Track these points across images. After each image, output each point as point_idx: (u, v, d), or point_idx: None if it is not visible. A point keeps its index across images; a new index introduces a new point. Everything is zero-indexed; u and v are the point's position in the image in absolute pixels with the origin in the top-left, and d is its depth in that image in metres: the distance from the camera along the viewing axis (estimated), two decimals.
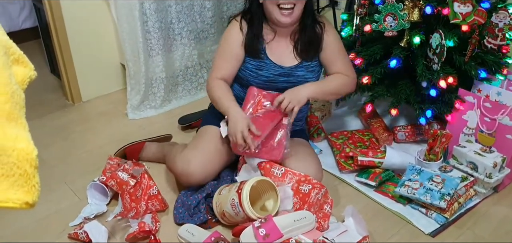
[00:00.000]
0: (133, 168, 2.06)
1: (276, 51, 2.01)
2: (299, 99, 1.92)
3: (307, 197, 1.81)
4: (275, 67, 2.00)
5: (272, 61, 2.00)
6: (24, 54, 0.90)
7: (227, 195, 1.80)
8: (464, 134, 2.15)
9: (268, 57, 2.00)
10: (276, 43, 2.01)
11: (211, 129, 2.07)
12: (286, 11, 1.89)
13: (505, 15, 2.03)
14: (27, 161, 0.76)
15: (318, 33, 2.02)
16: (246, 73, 2.02)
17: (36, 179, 0.77)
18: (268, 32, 2.02)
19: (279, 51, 2.01)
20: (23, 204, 0.75)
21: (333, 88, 2.04)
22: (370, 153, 2.16)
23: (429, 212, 1.91)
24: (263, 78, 2.00)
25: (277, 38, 2.02)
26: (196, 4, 2.89)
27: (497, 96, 2.14)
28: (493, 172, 1.93)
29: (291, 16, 1.91)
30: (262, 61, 2.00)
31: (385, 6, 2.13)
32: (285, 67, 2.01)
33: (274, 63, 2.00)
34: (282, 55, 2.01)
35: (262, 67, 2.00)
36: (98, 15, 2.85)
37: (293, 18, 1.92)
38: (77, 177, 2.24)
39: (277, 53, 2.01)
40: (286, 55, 2.02)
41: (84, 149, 2.51)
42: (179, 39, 2.89)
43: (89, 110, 2.94)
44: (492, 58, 2.17)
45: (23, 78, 0.88)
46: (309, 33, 2.00)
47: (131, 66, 2.76)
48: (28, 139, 0.78)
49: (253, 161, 1.95)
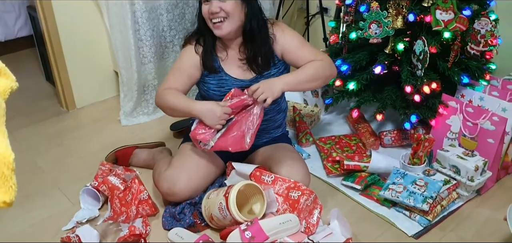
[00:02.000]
0: (125, 173, 2.11)
1: (233, 67, 2.02)
2: (273, 91, 1.85)
3: (296, 203, 1.85)
4: (236, 82, 2.01)
5: (231, 77, 2.01)
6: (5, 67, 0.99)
7: (215, 199, 1.84)
8: (448, 138, 2.21)
9: (227, 73, 2.01)
10: (230, 59, 2.02)
11: (193, 146, 2.08)
12: (217, 23, 1.90)
13: (486, 22, 2.09)
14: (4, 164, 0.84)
15: (266, 43, 1.98)
16: (210, 93, 2.03)
17: (13, 180, 0.86)
18: (221, 50, 2.03)
19: (235, 66, 2.02)
20: (1, 203, 0.84)
21: (309, 76, 1.93)
22: (356, 157, 2.21)
23: (413, 215, 1.96)
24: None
25: (229, 53, 2.02)
26: (187, 13, 2.95)
27: (480, 101, 2.20)
28: (475, 175, 1.98)
29: (223, 27, 1.90)
30: (221, 78, 2.01)
31: (369, 14, 2.19)
32: (246, 81, 2.01)
33: (234, 78, 2.01)
34: (239, 69, 2.02)
35: (223, 84, 2.01)
36: (91, 24, 2.90)
37: (227, 28, 1.91)
38: (70, 183, 2.28)
39: (234, 68, 2.02)
40: (243, 69, 2.02)
41: (78, 155, 2.55)
42: (171, 46, 2.95)
43: (83, 117, 2.98)
44: (475, 64, 2.23)
45: (4, 89, 0.96)
46: (255, 48, 1.97)
47: (124, 74, 2.81)
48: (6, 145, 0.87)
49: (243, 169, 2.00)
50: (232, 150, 1.92)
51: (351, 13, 2.32)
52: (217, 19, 1.89)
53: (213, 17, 1.90)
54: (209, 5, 1.89)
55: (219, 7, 1.87)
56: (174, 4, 2.88)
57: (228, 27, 1.91)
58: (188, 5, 2.95)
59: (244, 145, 1.91)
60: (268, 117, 2.10)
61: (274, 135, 2.19)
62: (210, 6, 1.88)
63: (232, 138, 1.92)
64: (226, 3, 1.87)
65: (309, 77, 1.94)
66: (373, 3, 2.20)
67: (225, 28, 1.91)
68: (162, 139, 2.60)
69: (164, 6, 2.84)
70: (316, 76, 1.96)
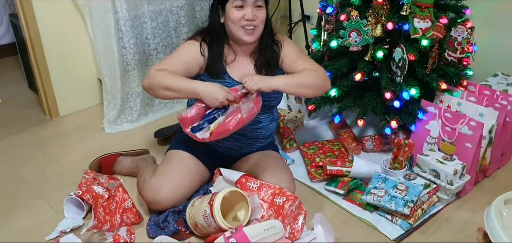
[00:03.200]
0: (109, 181, 2.11)
1: (238, 71, 2.05)
2: (264, 82, 1.89)
3: (281, 209, 1.88)
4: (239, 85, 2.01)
5: (234, 80, 2.03)
6: None
7: (199, 207, 1.86)
8: (427, 143, 2.25)
9: (231, 77, 2.04)
10: (237, 64, 2.06)
11: (178, 154, 2.10)
12: (249, 30, 1.96)
13: (463, 30, 2.15)
14: None
15: (275, 52, 2.08)
16: None
17: None
18: (229, 53, 2.06)
19: (241, 70, 2.05)
20: None
21: (304, 80, 1.98)
22: (339, 163, 2.24)
23: (394, 219, 2.00)
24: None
25: (238, 58, 2.06)
26: (171, 20, 2.96)
27: (458, 107, 2.25)
28: (454, 179, 2.02)
29: (254, 34, 1.97)
30: (224, 81, 2.02)
31: (349, 23, 2.23)
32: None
33: (237, 82, 2.03)
34: (244, 73, 2.05)
35: (226, 86, 2.00)
36: (74, 32, 2.89)
37: (256, 35, 1.99)
38: (54, 191, 2.28)
39: (239, 72, 2.05)
40: (248, 72, 2.06)
41: (61, 164, 2.54)
42: (154, 54, 2.96)
43: (66, 125, 2.97)
44: (453, 70, 2.28)
45: None
46: (267, 53, 2.06)
47: (107, 81, 2.81)
48: None
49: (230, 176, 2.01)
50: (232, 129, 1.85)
51: (332, 22, 2.36)
52: (251, 26, 1.95)
53: (247, 24, 1.94)
54: (243, 11, 1.93)
55: (255, 15, 1.94)
56: (158, 12, 2.89)
57: (257, 34, 1.99)
58: (172, 13, 2.96)
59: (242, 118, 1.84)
60: (261, 125, 2.13)
61: (263, 144, 2.21)
62: (245, 13, 1.93)
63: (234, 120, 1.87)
64: (261, 12, 1.96)
65: (307, 83, 1.98)
66: (353, 12, 2.24)
67: (256, 35, 1.98)
68: (146, 146, 2.60)
69: (147, 14, 2.85)
70: (310, 83, 1.99)
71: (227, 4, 1.95)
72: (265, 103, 1.99)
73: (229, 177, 2.02)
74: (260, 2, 1.96)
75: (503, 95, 2.26)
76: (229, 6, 1.95)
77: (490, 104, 2.22)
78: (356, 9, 2.27)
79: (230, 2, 1.94)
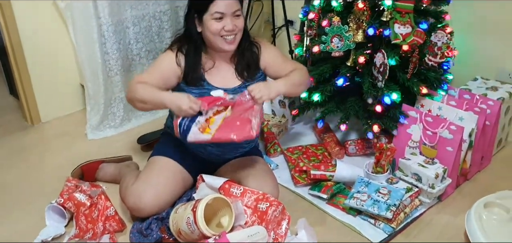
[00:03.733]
0: (91, 189, 2.09)
1: (217, 77, 2.05)
2: (269, 92, 1.92)
3: (264, 215, 1.87)
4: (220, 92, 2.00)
5: (214, 87, 2.03)
6: None
7: (183, 214, 1.85)
8: (409, 147, 2.28)
9: (210, 83, 2.03)
10: (216, 70, 2.06)
11: (161, 160, 2.09)
12: (230, 39, 1.97)
13: (442, 35, 2.17)
14: None
15: (255, 53, 2.10)
16: None
17: None
18: (207, 61, 2.06)
19: (221, 75, 2.06)
20: None
21: (298, 80, 2.06)
22: (322, 167, 2.26)
23: (377, 223, 2.01)
24: None
25: (217, 64, 2.06)
26: (154, 25, 2.96)
27: (439, 111, 2.28)
28: (436, 182, 2.05)
29: (234, 43, 1.99)
30: (203, 88, 2.02)
31: (331, 28, 2.25)
32: (230, 89, 2.04)
33: (216, 88, 2.02)
34: (224, 78, 2.06)
35: (206, 94, 2.00)
36: (56, 36, 2.87)
37: (237, 43, 2.00)
38: (35, 199, 2.25)
39: (218, 78, 2.05)
40: (229, 77, 2.07)
41: (43, 170, 2.52)
42: (137, 59, 2.95)
43: (48, 131, 2.94)
44: (433, 75, 2.31)
45: None
46: (247, 55, 2.08)
47: (90, 87, 2.79)
48: None
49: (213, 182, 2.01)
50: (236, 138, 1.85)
51: (314, 27, 2.37)
52: (231, 36, 1.96)
53: (227, 34, 1.95)
54: (222, 22, 1.93)
55: (234, 25, 1.94)
56: (141, 17, 2.88)
57: (237, 42, 2.01)
58: (155, 18, 2.95)
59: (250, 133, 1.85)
60: None
61: (247, 149, 2.21)
62: (224, 24, 1.93)
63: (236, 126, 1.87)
64: (239, 20, 1.97)
65: (299, 81, 2.08)
66: (335, 18, 2.26)
67: (236, 43, 2.01)
68: (130, 152, 2.59)
69: (130, 20, 2.83)
70: (304, 81, 2.12)
71: (205, 16, 1.95)
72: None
73: (212, 183, 2.02)
74: (239, 11, 1.97)
75: (483, 99, 2.30)
76: (208, 18, 1.94)
77: (470, 108, 2.25)
78: (338, 15, 2.29)
79: (208, 14, 1.94)
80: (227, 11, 1.93)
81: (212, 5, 1.92)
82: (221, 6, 1.92)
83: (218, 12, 1.92)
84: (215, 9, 1.92)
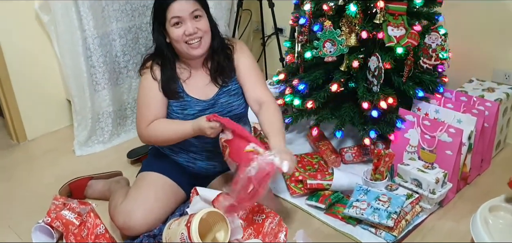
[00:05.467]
0: (80, 206, 2.02)
1: (195, 87, 2.00)
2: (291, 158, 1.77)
3: (261, 227, 1.82)
4: (198, 103, 1.99)
5: (193, 98, 1.99)
6: None
7: (176, 229, 1.78)
8: (407, 152, 2.23)
9: (188, 95, 1.98)
10: (193, 79, 2.01)
11: (150, 176, 2.03)
12: (195, 44, 1.91)
13: (436, 37, 2.14)
14: None
15: (227, 54, 2.04)
16: (173, 116, 2.00)
17: None
18: (183, 71, 2.00)
19: (198, 86, 2.01)
20: None
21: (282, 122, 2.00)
22: (319, 176, 2.20)
23: (378, 231, 1.96)
24: (189, 117, 1.97)
25: (193, 73, 2.01)
26: (141, 37, 2.90)
27: (436, 114, 2.24)
28: (436, 187, 2.00)
29: (201, 47, 1.92)
30: (183, 100, 1.98)
31: (323, 33, 2.21)
32: (208, 100, 2.00)
33: (196, 99, 1.99)
34: (202, 88, 2.01)
35: (186, 106, 1.98)
36: (40, 51, 2.81)
37: (204, 47, 1.94)
38: (21, 219, 2.18)
39: (196, 88, 2.00)
40: (205, 86, 2.02)
41: (29, 189, 2.44)
42: (125, 72, 2.88)
43: (34, 149, 2.87)
44: (428, 78, 2.27)
45: None
46: (220, 57, 2.01)
47: (76, 102, 2.72)
48: None
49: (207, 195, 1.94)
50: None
51: (306, 33, 2.33)
52: (196, 40, 1.90)
53: (190, 39, 1.88)
54: (183, 27, 1.87)
55: (195, 27, 1.87)
56: (127, 29, 2.82)
57: (206, 45, 1.94)
58: (142, 29, 2.90)
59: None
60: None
61: None
62: (185, 28, 1.87)
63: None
64: (201, 22, 1.90)
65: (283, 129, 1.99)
66: (326, 22, 2.21)
67: (204, 46, 1.93)
68: (119, 167, 2.51)
69: (116, 32, 2.77)
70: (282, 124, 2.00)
71: (166, 25, 1.90)
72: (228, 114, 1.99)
73: (206, 196, 1.95)
74: (198, 12, 1.90)
75: (480, 101, 2.26)
76: (168, 26, 1.90)
77: (468, 111, 2.22)
78: (329, 19, 2.24)
79: (167, 22, 1.89)
80: (184, 14, 1.86)
81: (168, 12, 1.87)
82: (176, 10, 1.86)
83: (175, 16, 1.86)
84: (171, 15, 1.87)
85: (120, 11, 2.77)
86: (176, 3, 1.85)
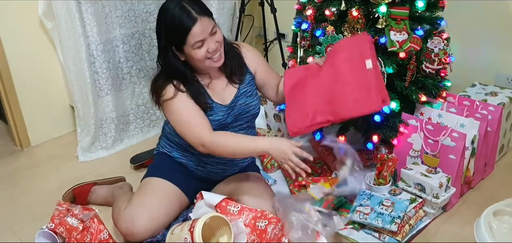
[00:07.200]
0: (83, 212, 2.01)
1: (217, 91, 2.00)
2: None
3: (264, 233, 1.82)
4: (222, 108, 1.99)
5: (218, 104, 1.98)
6: None
7: (179, 234, 1.78)
8: (410, 156, 2.22)
9: (214, 101, 1.98)
10: (213, 84, 2.01)
11: (155, 181, 2.03)
12: (216, 57, 1.90)
13: (439, 41, 2.13)
14: None
15: (237, 53, 2.06)
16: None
17: None
18: (203, 77, 1.99)
19: (219, 89, 2.01)
20: None
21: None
22: (322, 181, 2.20)
23: (382, 236, 1.95)
24: (215, 122, 1.96)
25: (212, 78, 2.01)
26: (144, 43, 2.91)
27: (439, 118, 2.23)
28: (440, 192, 2.00)
29: (222, 58, 1.93)
30: (212, 111, 1.96)
31: (326, 38, 2.20)
32: (228, 104, 2.01)
33: (220, 105, 1.98)
34: (222, 92, 2.01)
35: (213, 112, 1.96)
36: (44, 57, 2.82)
37: (223, 56, 1.94)
38: (25, 225, 2.18)
39: (218, 93, 2.00)
40: (225, 90, 2.02)
41: (33, 195, 2.45)
42: (128, 78, 2.89)
43: (38, 155, 2.87)
44: (431, 82, 2.26)
45: None
46: (230, 58, 2.02)
47: (80, 108, 2.73)
48: None
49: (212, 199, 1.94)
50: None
51: (308, 38, 2.33)
52: (217, 53, 1.89)
53: (213, 54, 1.87)
54: (205, 46, 1.84)
55: (216, 42, 1.87)
56: (130, 35, 2.83)
57: (223, 53, 1.94)
58: (145, 35, 2.90)
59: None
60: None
61: (245, 163, 2.17)
62: (207, 47, 1.85)
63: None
64: (218, 35, 1.89)
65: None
66: (329, 27, 2.21)
67: (223, 55, 1.94)
68: (123, 173, 2.51)
69: (119, 38, 2.78)
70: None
71: (185, 47, 1.85)
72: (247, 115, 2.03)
73: (210, 201, 1.96)
74: (214, 28, 1.88)
75: (483, 105, 2.26)
76: (189, 49, 1.85)
77: (471, 115, 2.21)
78: (332, 24, 2.24)
79: (187, 46, 1.84)
80: (205, 35, 1.84)
81: (189, 37, 1.82)
82: (198, 34, 1.82)
83: (198, 41, 1.83)
84: (194, 40, 1.82)
85: (123, 18, 2.78)
86: (196, 28, 1.81)
